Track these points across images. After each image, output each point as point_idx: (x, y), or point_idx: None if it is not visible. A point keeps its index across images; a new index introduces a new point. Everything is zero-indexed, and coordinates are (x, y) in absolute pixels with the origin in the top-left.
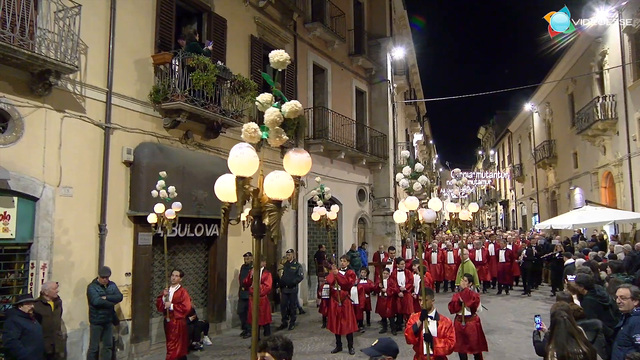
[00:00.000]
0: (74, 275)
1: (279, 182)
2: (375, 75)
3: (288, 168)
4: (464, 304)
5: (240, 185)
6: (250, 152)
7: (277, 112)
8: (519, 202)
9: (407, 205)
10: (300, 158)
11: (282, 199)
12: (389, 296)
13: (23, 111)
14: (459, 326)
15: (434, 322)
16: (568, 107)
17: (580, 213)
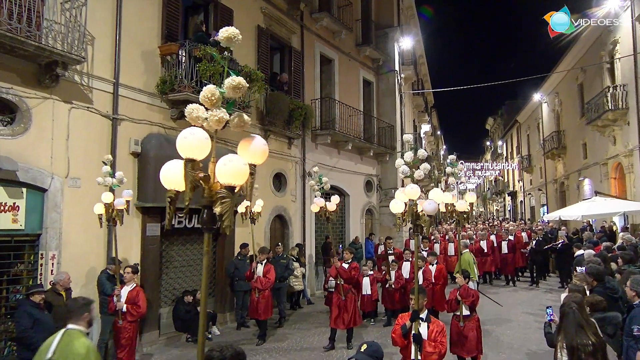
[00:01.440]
0: (83, 266)
1: (232, 167)
2: (382, 65)
3: (243, 154)
4: (462, 302)
5: (189, 169)
6: (202, 133)
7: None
8: (527, 193)
9: (407, 194)
10: (257, 145)
11: (236, 185)
12: (396, 289)
13: (31, 102)
14: (457, 326)
15: (425, 325)
16: (577, 97)
17: (589, 204)
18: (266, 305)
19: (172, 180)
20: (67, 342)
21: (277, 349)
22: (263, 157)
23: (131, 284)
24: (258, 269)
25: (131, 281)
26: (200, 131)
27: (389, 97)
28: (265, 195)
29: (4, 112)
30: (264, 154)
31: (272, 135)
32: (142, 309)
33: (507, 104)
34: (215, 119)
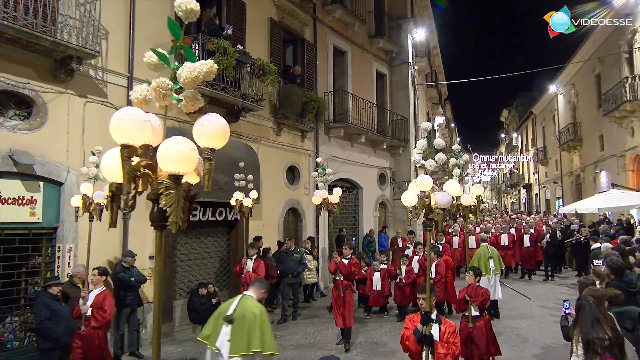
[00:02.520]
0: (99, 259)
1: (176, 152)
2: (395, 57)
3: (199, 137)
4: (471, 302)
5: (126, 156)
6: (140, 114)
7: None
8: (543, 186)
9: (419, 186)
10: (214, 125)
11: (183, 174)
12: (407, 283)
13: (47, 97)
14: (466, 328)
15: (436, 326)
16: (594, 88)
17: (606, 196)
18: None
19: (113, 172)
20: (244, 303)
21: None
22: (223, 139)
23: (99, 286)
24: (248, 264)
25: (99, 284)
26: (137, 111)
27: (402, 89)
28: (279, 188)
29: (21, 106)
30: (223, 136)
31: (285, 128)
32: (108, 314)
33: (522, 96)
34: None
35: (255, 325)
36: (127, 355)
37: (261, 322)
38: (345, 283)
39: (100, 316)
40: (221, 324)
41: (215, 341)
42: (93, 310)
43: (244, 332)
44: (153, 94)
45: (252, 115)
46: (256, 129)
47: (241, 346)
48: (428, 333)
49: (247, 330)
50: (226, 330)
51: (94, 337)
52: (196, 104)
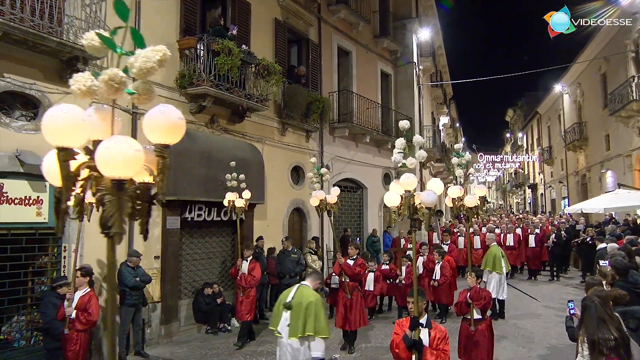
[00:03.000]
0: (105, 258)
1: (118, 152)
2: (400, 57)
3: (150, 132)
4: (473, 305)
5: (62, 160)
6: (77, 112)
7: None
8: (548, 186)
9: (403, 185)
10: (167, 118)
11: (126, 178)
12: (407, 284)
13: (53, 98)
14: (467, 331)
15: (425, 331)
16: (600, 88)
17: (612, 196)
18: (250, 305)
19: (54, 174)
20: (302, 291)
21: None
22: (177, 133)
23: (84, 288)
24: (243, 266)
25: (84, 285)
26: (74, 109)
27: (407, 89)
28: (283, 188)
29: (27, 107)
30: (178, 130)
31: (290, 128)
32: (93, 316)
33: (527, 95)
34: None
35: (311, 312)
36: (132, 355)
37: (316, 308)
38: (352, 284)
39: (85, 319)
40: (281, 310)
41: (277, 326)
42: (77, 312)
43: (301, 317)
44: (103, 87)
45: (256, 115)
46: (261, 129)
47: (298, 330)
48: (417, 338)
49: (303, 316)
50: (286, 316)
51: (77, 340)
52: (149, 98)
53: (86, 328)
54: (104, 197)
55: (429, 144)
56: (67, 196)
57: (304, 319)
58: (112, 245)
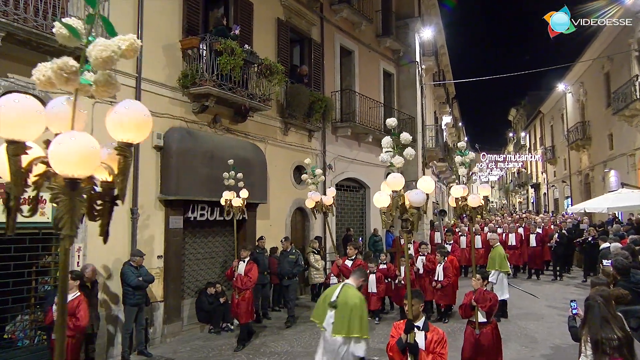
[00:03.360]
0: (108, 258)
1: (72, 148)
2: (403, 56)
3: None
4: (478, 307)
5: (12, 154)
6: (31, 103)
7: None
8: (551, 185)
9: (390, 185)
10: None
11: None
12: None
13: (56, 98)
14: (472, 335)
15: (422, 334)
16: (603, 87)
17: (615, 196)
18: (247, 307)
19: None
20: (346, 291)
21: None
22: (143, 130)
23: (73, 292)
24: (239, 267)
25: (73, 289)
26: (27, 99)
27: (410, 88)
28: (286, 188)
29: None
30: (143, 127)
31: (293, 127)
32: (82, 321)
33: (530, 95)
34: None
35: (356, 314)
36: (135, 354)
37: (361, 310)
38: None
39: (73, 324)
40: (327, 307)
41: (323, 321)
42: None
43: (346, 317)
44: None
45: (259, 115)
46: (263, 129)
47: (342, 329)
48: (412, 341)
49: (348, 316)
50: (331, 313)
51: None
52: (110, 90)
53: (75, 334)
54: (57, 197)
55: (431, 143)
56: (17, 192)
57: (348, 319)
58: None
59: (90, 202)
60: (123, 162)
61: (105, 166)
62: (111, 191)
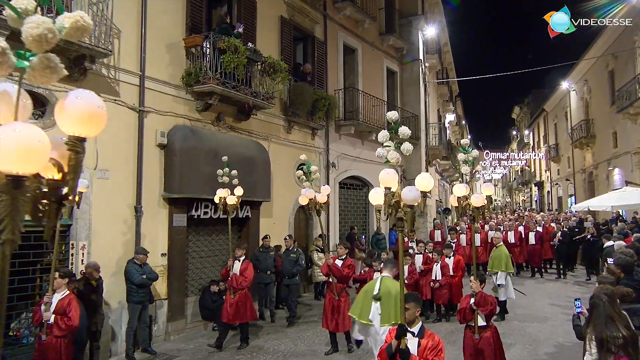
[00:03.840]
0: (112, 256)
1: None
2: (406, 54)
3: (62, 121)
4: (478, 311)
5: None
6: None
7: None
8: (555, 183)
9: (382, 182)
10: (84, 105)
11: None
12: (409, 284)
13: (60, 96)
14: (471, 339)
15: (415, 340)
16: (608, 85)
17: (619, 194)
18: (243, 307)
19: None
20: (386, 283)
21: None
22: (96, 124)
23: (62, 290)
24: (235, 266)
25: (62, 288)
26: None
27: (413, 86)
28: (289, 186)
29: (35, 105)
30: (97, 120)
31: (296, 126)
32: (74, 321)
33: (533, 93)
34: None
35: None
36: (139, 351)
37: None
38: (340, 286)
39: (64, 324)
40: (370, 301)
41: (367, 315)
42: (56, 317)
43: (391, 306)
44: None
45: (262, 113)
46: (267, 127)
47: (390, 318)
48: (404, 347)
49: (393, 305)
50: (376, 306)
51: (57, 347)
52: (49, 76)
53: (66, 334)
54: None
55: (435, 141)
56: None
57: (394, 308)
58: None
59: (34, 201)
60: (74, 159)
61: (54, 163)
62: (59, 190)
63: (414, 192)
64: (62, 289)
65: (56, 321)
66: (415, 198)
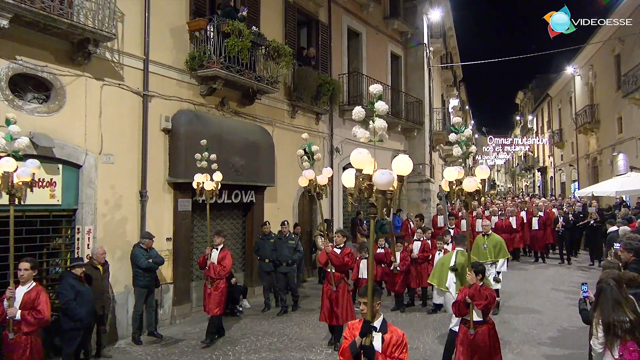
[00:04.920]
0: (118, 240)
1: None
2: (411, 39)
3: None
4: (473, 305)
5: None
6: None
7: None
8: (558, 169)
9: (354, 163)
10: None
11: None
12: (402, 271)
13: (64, 80)
14: (466, 335)
15: (379, 336)
16: (614, 70)
17: (624, 179)
18: (219, 298)
19: None
20: (460, 254)
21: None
22: None
23: (29, 283)
24: (212, 255)
25: (29, 280)
26: None
27: (417, 71)
28: (293, 171)
29: (39, 90)
30: None
31: (300, 110)
32: (44, 314)
33: (538, 78)
34: None
35: None
36: (145, 335)
37: None
38: (338, 275)
39: (33, 318)
40: (447, 271)
41: (445, 283)
42: (23, 312)
43: (465, 276)
44: None
45: (267, 97)
46: (271, 112)
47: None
48: (368, 344)
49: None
50: (451, 275)
51: (26, 344)
52: None
53: (35, 328)
54: None
55: (438, 126)
56: None
57: None
58: None
59: None
60: None
61: None
62: None
63: (387, 175)
64: (28, 281)
65: (24, 316)
66: (387, 182)
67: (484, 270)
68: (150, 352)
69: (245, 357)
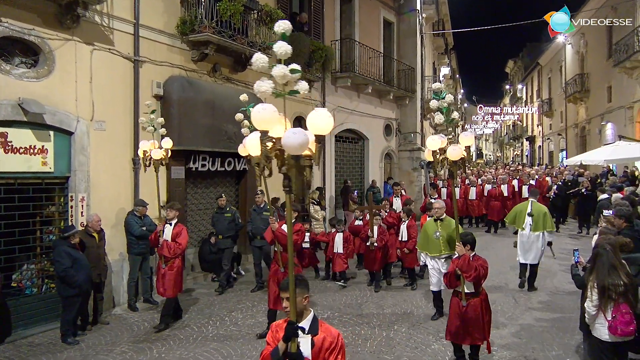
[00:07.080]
0: (111, 208)
1: None
2: (403, 4)
3: None
4: (463, 276)
5: None
6: None
7: None
8: (546, 138)
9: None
10: None
11: None
12: (379, 247)
13: (53, 44)
14: (458, 306)
15: (308, 338)
16: (605, 38)
17: (612, 148)
18: (175, 278)
19: None
20: (534, 205)
21: None
22: None
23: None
24: (165, 231)
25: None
26: None
27: (410, 38)
28: None
29: (27, 54)
30: None
31: None
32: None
33: (528, 46)
34: None
35: (547, 217)
36: (141, 301)
37: (547, 215)
38: (285, 256)
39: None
40: (524, 216)
41: (522, 224)
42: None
43: (540, 220)
44: None
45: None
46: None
47: (539, 227)
48: (294, 350)
49: (542, 220)
50: (529, 219)
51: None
52: None
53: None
54: None
55: (430, 94)
56: None
57: (542, 221)
58: None
59: None
60: None
61: None
62: None
63: (299, 135)
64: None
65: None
66: (300, 144)
67: (474, 241)
68: (146, 319)
69: None
